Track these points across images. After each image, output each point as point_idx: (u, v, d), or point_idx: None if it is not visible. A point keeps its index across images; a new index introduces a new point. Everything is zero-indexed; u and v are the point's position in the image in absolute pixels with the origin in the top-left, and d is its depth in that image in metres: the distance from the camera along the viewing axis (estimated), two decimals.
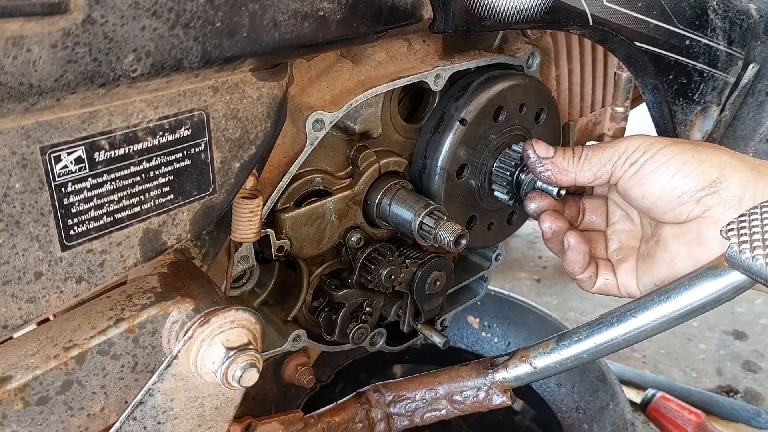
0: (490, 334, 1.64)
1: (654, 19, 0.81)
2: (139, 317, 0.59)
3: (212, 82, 0.54)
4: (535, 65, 0.90)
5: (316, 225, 0.79)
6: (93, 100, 0.47)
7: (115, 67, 0.46)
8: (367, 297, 0.87)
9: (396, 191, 0.82)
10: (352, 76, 0.76)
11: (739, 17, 0.91)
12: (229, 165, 0.59)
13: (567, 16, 0.75)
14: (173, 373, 0.58)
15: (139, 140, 0.51)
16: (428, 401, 0.94)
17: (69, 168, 0.48)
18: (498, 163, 0.87)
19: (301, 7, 0.55)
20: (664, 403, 1.73)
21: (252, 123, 0.59)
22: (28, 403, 0.54)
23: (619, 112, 1.09)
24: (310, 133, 0.71)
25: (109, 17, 0.44)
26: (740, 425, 1.74)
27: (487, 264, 1.05)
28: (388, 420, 0.94)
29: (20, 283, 0.48)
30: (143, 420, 0.58)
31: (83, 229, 0.51)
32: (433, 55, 0.82)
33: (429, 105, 0.87)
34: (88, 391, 0.58)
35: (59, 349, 0.56)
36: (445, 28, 0.69)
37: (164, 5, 0.47)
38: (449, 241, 0.77)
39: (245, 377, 0.57)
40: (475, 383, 0.91)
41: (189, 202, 0.57)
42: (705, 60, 0.89)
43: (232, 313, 0.58)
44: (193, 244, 0.70)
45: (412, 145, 0.86)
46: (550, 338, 0.84)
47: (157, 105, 0.51)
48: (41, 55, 0.42)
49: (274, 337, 0.85)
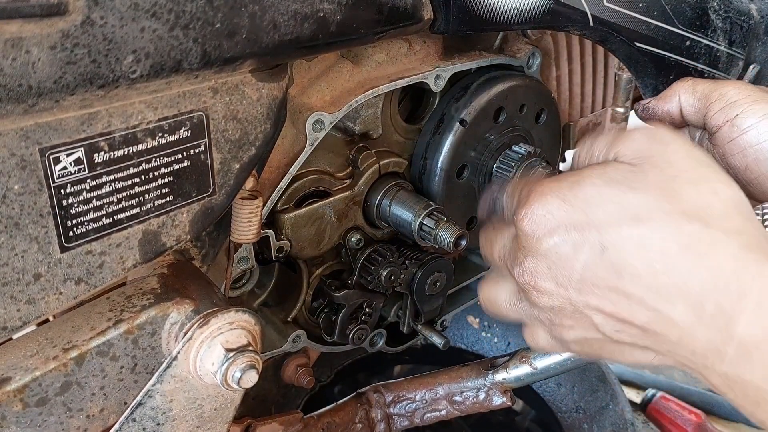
0: (490, 334, 1.64)
1: (655, 19, 0.81)
2: (138, 318, 0.59)
3: (212, 83, 0.54)
4: (536, 66, 0.90)
5: (316, 226, 0.79)
6: (92, 102, 0.47)
7: (115, 68, 0.46)
8: (367, 298, 0.87)
9: (396, 192, 0.82)
10: (352, 77, 0.76)
11: (740, 18, 0.90)
12: (229, 166, 0.58)
13: (567, 17, 0.75)
14: (172, 374, 0.58)
15: (138, 141, 0.51)
16: (428, 402, 0.94)
17: (68, 169, 0.48)
18: (498, 164, 0.86)
19: (300, 7, 0.54)
20: (664, 403, 1.73)
21: (252, 124, 0.59)
22: (27, 404, 0.54)
23: (619, 113, 1.09)
24: (310, 133, 0.71)
25: (108, 18, 0.44)
26: (740, 425, 1.74)
27: (487, 264, 1.05)
28: (388, 420, 0.94)
29: (19, 285, 0.48)
30: (142, 421, 0.58)
31: (82, 231, 0.51)
32: (433, 56, 0.82)
33: (429, 106, 0.87)
34: (88, 393, 0.58)
35: (58, 351, 0.56)
36: (446, 28, 0.68)
37: (163, 6, 0.46)
38: (449, 241, 0.77)
39: (245, 378, 0.57)
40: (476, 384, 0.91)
41: (188, 203, 0.57)
42: (706, 61, 0.89)
43: (231, 314, 0.58)
44: (193, 245, 0.70)
45: (412, 146, 0.86)
46: None
47: (156, 106, 0.51)
48: (40, 57, 0.42)
49: (274, 338, 0.85)
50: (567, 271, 0.50)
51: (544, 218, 0.50)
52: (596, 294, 0.49)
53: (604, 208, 0.49)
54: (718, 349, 0.44)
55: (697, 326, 0.45)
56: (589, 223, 0.49)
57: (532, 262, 0.52)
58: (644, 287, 0.47)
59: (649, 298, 0.47)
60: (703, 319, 0.45)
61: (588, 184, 0.50)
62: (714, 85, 0.64)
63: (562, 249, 0.50)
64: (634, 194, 0.48)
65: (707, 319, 0.44)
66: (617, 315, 0.49)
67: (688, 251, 0.46)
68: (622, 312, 0.49)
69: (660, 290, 0.46)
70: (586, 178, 0.50)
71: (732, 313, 0.43)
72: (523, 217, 0.52)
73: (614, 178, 0.49)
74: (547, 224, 0.50)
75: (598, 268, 0.49)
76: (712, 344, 0.44)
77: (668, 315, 0.46)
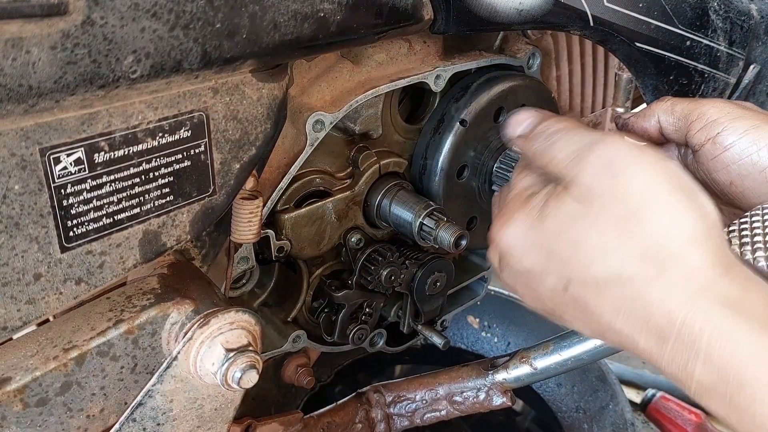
0: (490, 334, 1.64)
1: (655, 19, 0.81)
2: (138, 318, 0.59)
3: (212, 83, 0.54)
4: (536, 66, 0.90)
5: (316, 226, 0.79)
6: (92, 102, 0.47)
7: (115, 68, 0.46)
8: (367, 298, 0.87)
9: (396, 192, 0.82)
10: (352, 77, 0.76)
11: (740, 18, 0.90)
12: (229, 166, 0.58)
13: (568, 17, 0.75)
14: (173, 374, 0.58)
15: (138, 141, 0.51)
16: (428, 402, 0.94)
17: (68, 169, 0.48)
18: (498, 164, 0.86)
19: (301, 8, 0.54)
20: (664, 403, 1.73)
21: (252, 124, 0.59)
22: (28, 404, 0.54)
23: (619, 113, 1.09)
24: (310, 133, 0.71)
25: (108, 19, 0.44)
26: None
27: (487, 264, 1.05)
28: (388, 420, 0.94)
29: (20, 285, 0.48)
30: (143, 421, 0.58)
31: (83, 231, 0.51)
32: (433, 56, 0.82)
33: (429, 106, 0.87)
34: (88, 393, 0.58)
35: (59, 351, 0.56)
36: (446, 28, 0.68)
37: (164, 6, 0.46)
38: (449, 242, 0.77)
39: (245, 378, 0.57)
40: (476, 384, 0.91)
41: (189, 204, 0.57)
42: (706, 61, 0.89)
43: (231, 314, 0.58)
44: (193, 245, 0.70)
45: (413, 146, 0.86)
46: (550, 339, 0.84)
47: (156, 106, 0.51)
48: (40, 57, 0.42)
49: (274, 338, 0.85)
50: (537, 292, 0.55)
51: (515, 244, 0.55)
52: (567, 314, 0.54)
53: (563, 245, 0.52)
54: (682, 382, 0.47)
55: (660, 360, 0.48)
56: (552, 254, 0.53)
57: (509, 275, 0.57)
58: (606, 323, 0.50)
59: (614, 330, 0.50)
60: (664, 357, 0.47)
61: (551, 216, 0.53)
62: (693, 105, 0.65)
63: (531, 271, 0.55)
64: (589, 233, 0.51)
65: (668, 358, 0.47)
66: (590, 331, 0.54)
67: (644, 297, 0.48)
68: (593, 332, 0.53)
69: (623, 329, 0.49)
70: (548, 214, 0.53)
71: (687, 358, 0.46)
72: (499, 236, 0.57)
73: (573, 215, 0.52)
74: (517, 251, 0.55)
75: (563, 299, 0.53)
76: (677, 377, 0.47)
77: (635, 343, 0.49)
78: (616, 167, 0.51)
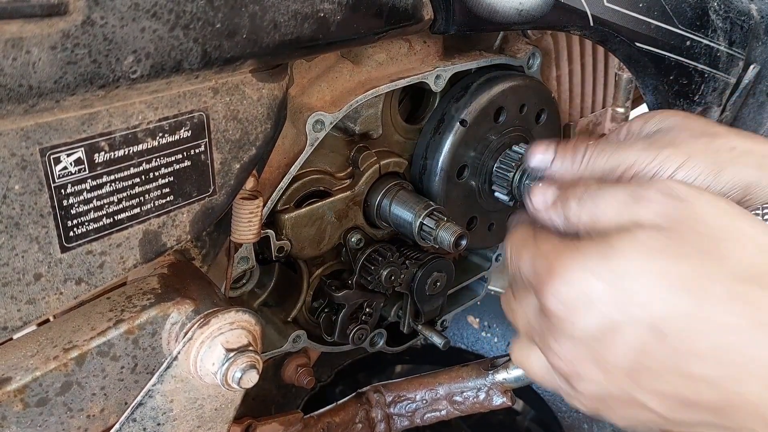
0: (490, 334, 1.64)
1: (655, 19, 0.81)
2: (138, 318, 0.59)
3: (212, 83, 0.54)
4: (536, 66, 0.90)
5: (317, 226, 0.79)
6: (92, 102, 0.47)
7: (115, 68, 0.46)
8: (367, 298, 0.87)
9: (396, 192, 0.82)
10: (352, 77, 0.76)
11: (740, 18, 0.90)
12: (229, 166, 0.58)
13: (568, 17, 0.75)
14: (173, 374, 0.58)
15: (138, 141, 0.51)
16: (428, 402, 0.94)
17: (68, 169, 0.48)
18: (498, 164, 0.86)
19: (301, 8, 0.55)
20: None
21: (252, 124, 0.59)
22: (28, 404, 0.54)
23: (620, 113, 1.09)
24: (311, 133, 0.71)
25: (108, 19, 0.44)
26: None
27: (487, 264, 1.05)
28: (388, 420, 0.94)
29: (20, 285, 0.48)
30: (143, 421, 0.58)
31: (83, 231, 0.51)
32: (433, 56, 0.82)
33: (429, 106, 0.87)
34: (88, 393, 0.58)
35: (59, 351, 0.56)
36: (446, 28, 0.68)
37: (164, 6, 0.46)
38: (449, 242, 0.77)
39: (245, 379, 0.57)
40: (476, 384, 0.91)
41: (189, 204, 0.57)
42: (706, 61, 0.89)
43: (231, 314, 0.58)
44: (193, 245, 0.70)
45: (413, 146, 0.86)
46: None
47: (156, 106, 0.51)
48: (40, 57, 0.42)
49: (274, 338, 0.85)
50: (612, 356, 0.44)
51: (576, 298, 0.44)
52: (652, 378, 0.44)
53: (646, 283, 0.43)
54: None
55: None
56: (631, 301, 0.43)
57: (568, 348, 0.46)
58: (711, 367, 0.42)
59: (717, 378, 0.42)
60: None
61: (620, 255, 0.44)
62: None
63: (602, 333, 0.44)
64: (676, 264, 0.42)
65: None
66: (679, 397, 0.44)
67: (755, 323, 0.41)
68: (685, 393, 0.43)
69: (729, 368, 0.41)
70: (617, 250, 0.44)
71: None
72: (548, 295, 0.46)
73: (651, 247, 0.43)
74: (578, 305, 0.44)
75: (651, 351, 0.43)
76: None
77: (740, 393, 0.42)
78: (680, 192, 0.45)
